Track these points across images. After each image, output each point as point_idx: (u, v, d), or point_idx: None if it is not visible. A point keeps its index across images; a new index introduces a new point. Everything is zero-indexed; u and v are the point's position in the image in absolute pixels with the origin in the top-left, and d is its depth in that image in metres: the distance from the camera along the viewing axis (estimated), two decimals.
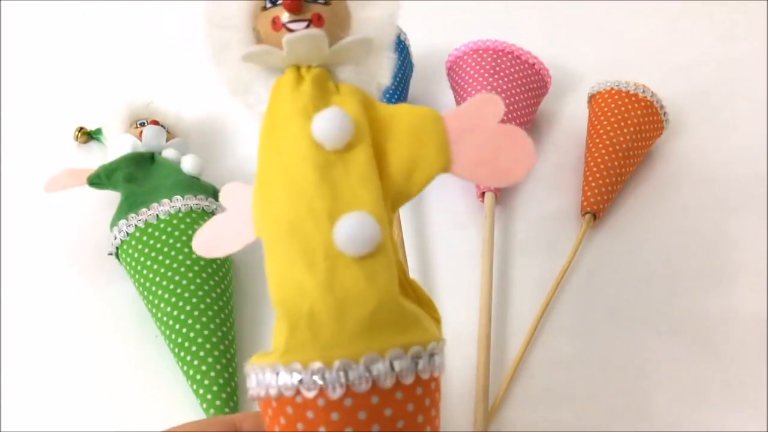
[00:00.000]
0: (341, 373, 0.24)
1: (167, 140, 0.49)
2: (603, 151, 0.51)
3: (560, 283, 0.47)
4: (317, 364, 0.24)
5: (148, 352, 0.43)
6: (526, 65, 0.56)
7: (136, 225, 0.44)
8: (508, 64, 0.55)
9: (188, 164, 0.47)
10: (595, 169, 0.51)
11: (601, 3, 0.70)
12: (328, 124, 0.26)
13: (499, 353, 0.44)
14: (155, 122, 0.50)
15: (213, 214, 0.45)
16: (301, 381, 0.24)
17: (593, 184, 0.51)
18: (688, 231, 0.51)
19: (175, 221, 0.44)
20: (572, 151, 0.56)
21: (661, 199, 0.53)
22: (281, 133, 0.27)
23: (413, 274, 0.47)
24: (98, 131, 0.54)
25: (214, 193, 0.47)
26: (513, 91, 0.53)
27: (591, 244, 0.50)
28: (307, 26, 0.27)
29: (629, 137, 0.52)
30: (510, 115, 0.52)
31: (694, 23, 0.68)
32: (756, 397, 0.42)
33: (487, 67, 0.54)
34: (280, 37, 0.26)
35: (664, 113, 0.54)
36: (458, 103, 0.55)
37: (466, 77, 0.54)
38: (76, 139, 0.55)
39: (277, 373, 0.25)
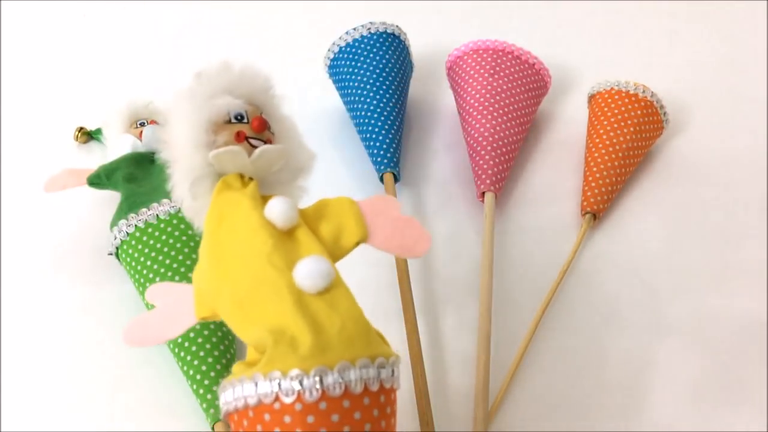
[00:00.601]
0: (317, 379, 0.27)
1: None
2: (603, 151, 0.51)
3: (560, 283, 0.47)
4: (296, 371, 0.27)
5: (148, 352, 0.43)
6: (526, 65, 0.56)
7: (136, 225, 0.44)
8: (508, 64, 0.55)
9: None
10: (595, 169, 0.51)
11: (601, 3, 0.70)
12: (279, 207, 0.31)
13: (499, 353, 0.44)
14: (155, 122, 0.50)
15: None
16: (280, 387, 0.27)
17: (593, 185, 0.51)
18: (688, 231, 0.51)
19: (175, 221, 0.44)
20: (572, 151, 0.56)
21: (661, 198, 0.53)
22: (235, 217, 0.31)
23: (414, 273, 0.47)
24: (98, 131, 0.55)
25: None
26: (513, 91, 0.53)
27: (591, 244, 0.50)
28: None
29: (629, 137, 0.52)
30: (510, 115, 0.52)
31: (694, 23, 0.68)
32: (756, 397, 0.42)
33: (487, 67, 0.54)
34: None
35: (664, 113, 0.54)
36: (459, 103, 0.55)
37: (467, 77, 0.54)
38: (76, 139, 0.55)
39: (257, 383, 0.28)
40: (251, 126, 0.33)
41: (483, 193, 0.50)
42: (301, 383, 0.27)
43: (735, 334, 0.45)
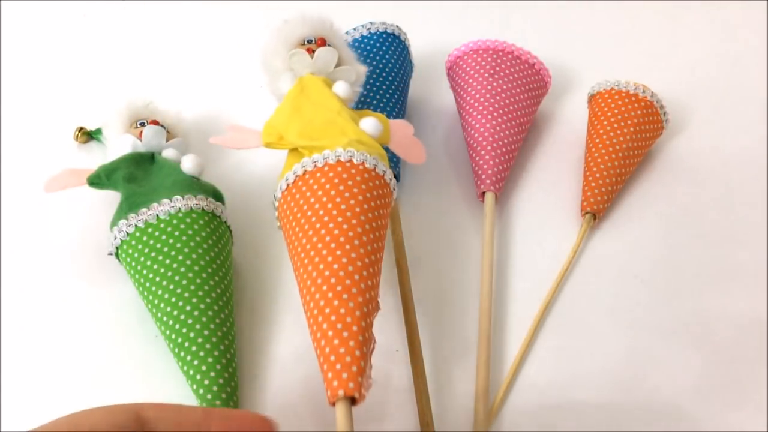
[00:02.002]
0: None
1: (167, 140, 0.49)
2: (603, 151, 0.52)
3: (560, 283, 0.47)
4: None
5: (149, 352, 0.43)
6: (526, 65, 0.56)
7: (136, 225, 0.44)
8: (508, 64, 0.55)
9: (188, 164, 0.47)
10: (595, 169, 0.51)
11: (601, 3, 0.70)
12: (342, 87, 0.46)
13: (498, 353, 0.44)
14: (155, 122, 0.50)
15: (213, 214, 0.45)
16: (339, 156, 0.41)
17: (593, 184, 0.51)
18: (688, 231, 0.51)
19: (175, 221, 0.44)
20: (572, 151, 0.56)
21: (661, 198, 0.53)
22: (313, 89, 0.45)
23: (413, 272, 0.47)
24: (98, 131, 0.54)
25: (214, 193, 0.47)
26: (513, 91, 0.53)
27: (591, 244, 0.50)
28: None
29: (629, 137, 0.52)
30: (510, 115, 0.52)
31: (694, 23, 0.68)
32: (756, 397, 0.42)
33: (487, 67, 0.54)
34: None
35: (664, 113, 0.54)
36: (459, 103, 0.55)
37: (467, 77, 0.54)
38: (76, 139, 0.55)
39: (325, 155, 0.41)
40: (316, 44, 0.47)
41: (483, 193, 0.50)
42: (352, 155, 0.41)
43: (735, 334, 0.45)
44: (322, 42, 0.47)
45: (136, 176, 0.46)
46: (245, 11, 0.69)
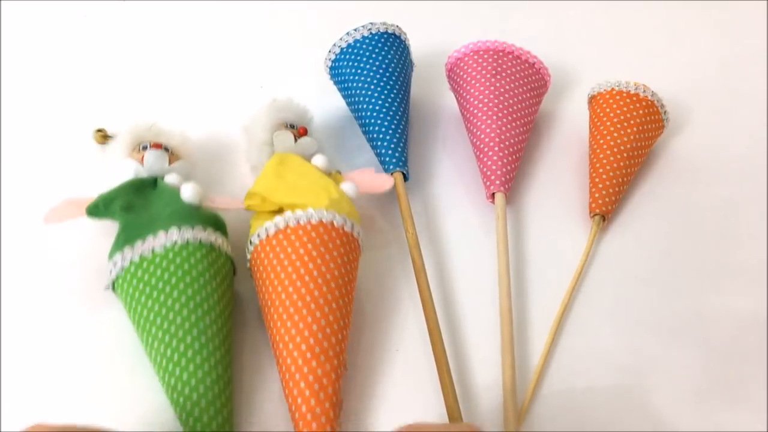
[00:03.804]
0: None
1: (171, 162, 0.48)
2: (608, 152, 0.52)
3: (576, 285, 0.47)
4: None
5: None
6: (527, 64, 0.56)
7: (131, 259, 0.42)
8: (509, 64, 0.55)
9: (187, 193, 0.45)
10: (601, 170, 0.51)
11: (601, 3, 0.70)
12: (321, 159, 0.49)
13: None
14: (157, 145, 0.48)
15: (211, 246, 0.43)
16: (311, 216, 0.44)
17: (600, 186, 0.51)
18: (693, 229, 0.51)
19: (171, 255, 0.42)
20: (574, 150, 0.56)
21: (665, 197, 0.53)
22: (292, 160, 0.48)
23: (430, 274, 0.47)
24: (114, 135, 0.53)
25: (215, 222, 0.45)
26: (516, 91, 0.54)
27: (601, 245, 0.50)
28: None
29: (633, 137, 0.52)
30: (515, 115, 0.52)
31: (694, 23, 0.68)
32: (756, 397, 0.42)
33: (489, 68, 0.54)
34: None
35: (665, 112, 0.54)
36: (462, 104, 0.55)
37: (469, 78, 0.54)
38: (95, 140, 0.54)
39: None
40: (298, 131, 0.51)
41: (493, 194, 0.50)
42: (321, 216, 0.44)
43: (735, 333, 0.45)
44: (304, 131, 0.51)
45: (134, 205, 0.45)
46: (245, 11, 0.69)
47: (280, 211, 0.46)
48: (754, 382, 0.43)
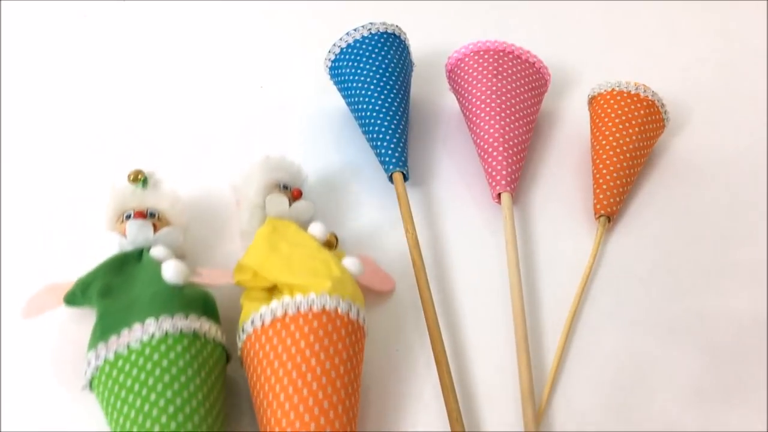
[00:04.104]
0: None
1: (159, 228, 0.45)
2: (611, 153, 0.52)
3: (585, 286, 0.47)
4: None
5: None
6: (527, 64, 0.56)
7: (105, 358, 0.38)
8: (510, 64, 0.55)
9: (169, 273, 0.41)
10: (604, 171, 0.51)
11: (601, 3, 0.70)
12: (319, 228, 0.46)
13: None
14: (141, 214, 0.44)
15: (194, 335, 0.39)
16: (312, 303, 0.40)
17: (604, 187, 0.51)
18: (695, 230, 0.51)
19: (147, 350, 0.37)
20: (575, 149, 0.56)
21: (667, 197, 0.53)
22: (287, 229, 0.45)
23: (432, 276, 0.47)
24: (147, 178, 0.51)
25: (204, 303, 0.41)
26: (517, 91, 0.54)
27: (607, 246, 0.50)
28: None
29: (635, 137, 0.52)
30: (517, 115, 0.52)
31: (694, 23, 0.68)
32: (756, 397, 0.42)
33: (490, 68, 0.54)
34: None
35: (665, 111, 0.54)
36: (464, 105, 0.55)
37: (470, 79, 0.54)
38: (130, 180, 0.51)
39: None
40: (292, 193, 0.48)
41: (499, 194, 0.50)
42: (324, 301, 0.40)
43: (735, 333, 0.45)
44: (299, 194, 0.48)
45: (113, 288, 0.41)
46: (245, 11, 0.69)
47: (274, 288, 0.42)
48: (752, 381, 0.43)
